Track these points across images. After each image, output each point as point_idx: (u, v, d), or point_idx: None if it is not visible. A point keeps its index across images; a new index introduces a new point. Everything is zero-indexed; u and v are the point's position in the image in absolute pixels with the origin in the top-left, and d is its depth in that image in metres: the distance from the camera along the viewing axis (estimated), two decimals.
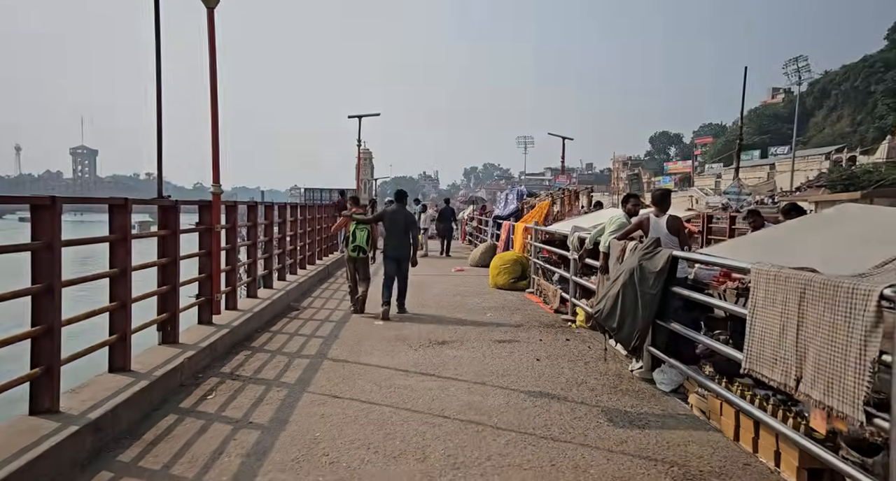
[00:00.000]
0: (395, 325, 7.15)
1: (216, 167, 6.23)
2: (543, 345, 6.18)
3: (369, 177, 65.27)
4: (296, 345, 6.15)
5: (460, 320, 7.51)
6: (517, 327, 7.09)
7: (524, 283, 10.36)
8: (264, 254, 8.89)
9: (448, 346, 6.09)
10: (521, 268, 10.40)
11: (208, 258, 6.15)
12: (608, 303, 4.77)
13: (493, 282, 10.57)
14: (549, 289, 8.74)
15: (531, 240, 10.36)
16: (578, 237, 7.29)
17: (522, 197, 15.17)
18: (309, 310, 8.35)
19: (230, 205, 7.06)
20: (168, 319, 5.18)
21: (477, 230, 20.35)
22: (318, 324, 7.31)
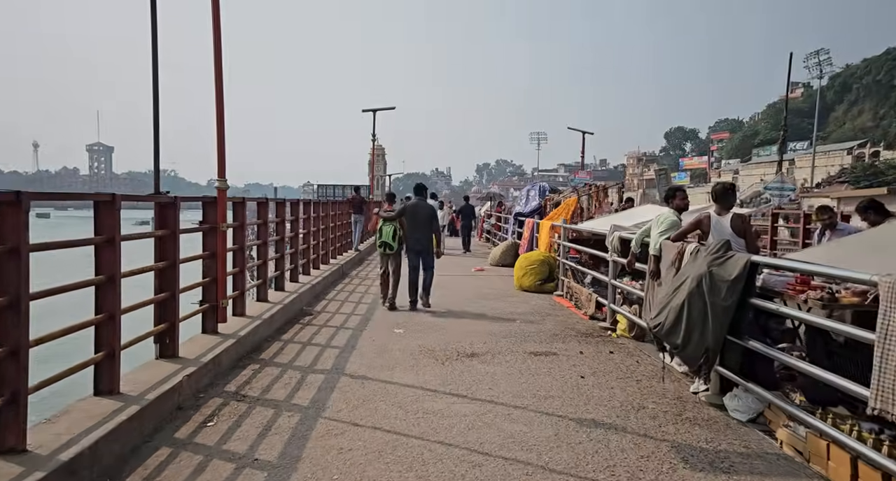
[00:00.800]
0: (417, 334, 6.53)
1: (222, 161, 5.64)
2: (585, 358, 5.52)
3: (382, 174, 64.78)
4: (309, 356, 5.55)
5: (488, 328, 6.88)
6: (552, 337, 6.44)
7: (552, 285, 9.69)
8: (276, 254, 8.31)
9: (478, 360, 5.46)
10: (548, 269, 9.74)
11: (213, 260, 5.56)
12: (670, 316, 4.11)
13: (519, 283, 9.92)
14: (581, 293, 8.07)
15: (559, 240, 9.69)
16: (620, 237, 6.61)
17: (545, 193, 14.49)
18: (323, 314, 7.76)
19: (238, 202, 6.48)
20: (166, 330, 4.60)
21: (495, 227, 19.68)
22: (334, 331, 6.71)
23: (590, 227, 8.22)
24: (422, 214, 8.12)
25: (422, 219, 8.09)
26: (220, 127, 5.61)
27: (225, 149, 5.62)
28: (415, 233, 8.10)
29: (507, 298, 9.12)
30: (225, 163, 5.63)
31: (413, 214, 8.11)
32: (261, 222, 7.41)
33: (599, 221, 8.69)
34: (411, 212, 8.13)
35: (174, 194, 4.64)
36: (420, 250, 8.10)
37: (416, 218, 8.08)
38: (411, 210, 8.16)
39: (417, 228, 8.08)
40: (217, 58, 5.55)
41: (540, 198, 14.33)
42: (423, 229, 8.08)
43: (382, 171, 66.03)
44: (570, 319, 7.49)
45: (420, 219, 8.08)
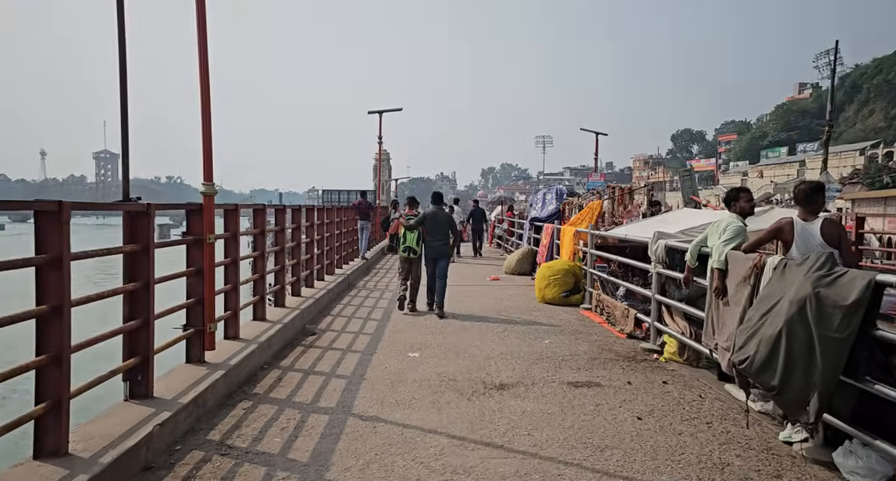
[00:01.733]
0: (435, 359, 5.70)
1: (208, 163, 4.85)
2: (636, 391, 4.68)
3: (387, 178, 64.12)
4: (311, 389, 4.74)
5: (515, 350, 6.05)
6: (590, 361, 5.60)
7: (578, 297, 8.85)
8: (275, 266, 7.52)
9: (510, 393, 4.63)
10: (573, 280, 8.90)
11: (198, 278, 4.77)
12: (762, 349, 3.27)
13: (541, 295, 9.08)
14: (615, 308, 7.23)
15: (586, 247, 8.86)
16: (666, 246, 5.78)
17: (563, 196, 13.66)
18: (328, 333, 6.95)
19: (230, 209, 5.68)
20: (138, 366, 3.80)
21: (508, 233, 18.84)
22: (340, 355, 5.90)
23: (623, 234, 7.37)
24: (440, 222, 8.39)
25: (440, 227, 8.37)
26: (206, 124, 4.83)
27: (212, 149, 4.83)
28: (433, 240, 8.36)
29: (531, 312, 8.29)
30: (212, 165, 4.84)
31: (432, 222, 8.36)
32: (257, 231, 6.63)
33: (632, 227, 7.86)
34: (431, 220, 8.38)
35: (147, 201, 3.85)
36: (437, 257, 8.36)
37: (435, 226, 8.36)
38: (431, 218, 8.40)
39: (436, 236, 8.35)
40: (202, 45, 4.77)
41: (557, 202, 13.50)
42: (441, 237, 8.37)
43: (388, 176, 65.41)
44: (605, 338, 6.65)
45: (438, 227, 8.36)
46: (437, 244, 8.32)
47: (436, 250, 8.33)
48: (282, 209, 7.65)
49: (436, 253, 8.33)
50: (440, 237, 8.34)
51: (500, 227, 20.19)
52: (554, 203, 13.61)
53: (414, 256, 8.45)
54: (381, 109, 20.18)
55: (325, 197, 56.58)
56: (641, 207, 10.07)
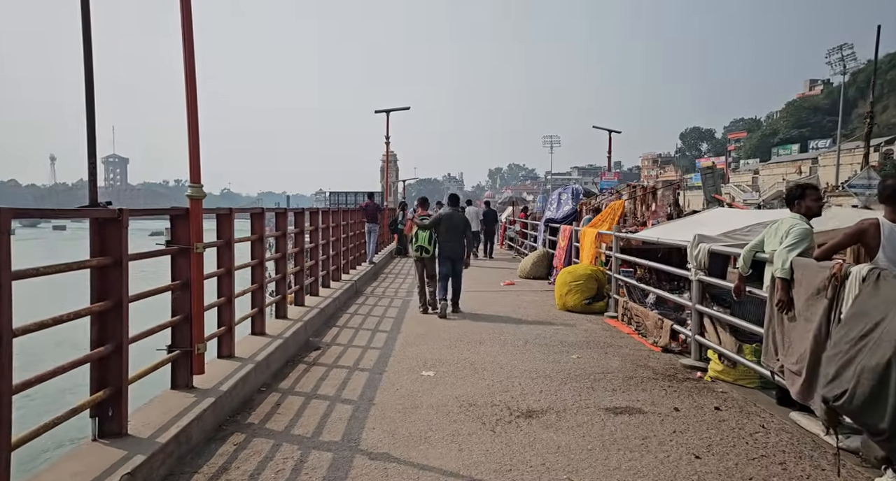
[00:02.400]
0: (452, 378, 5.12)
1: (195, 162, 4.27)
2: (686, 419, 4.07)
3: (394, 180, 63.64)
4: (313, 418, 4.17)
5: (539, 366, 5.46)
6: (626, 380, 4.99)
7: (601, 305, 8.24)
8: (276, 275, 6.97)
9: (540, 421, 4.04)
10: (596, 286, 8.29)
11: (185, 292, 4.21)
12: (865, 382, 2.67)
13: (562, 302, 8.47)
14: (646, 317, 6.61)
15: (610, 251, 8.24)
16: (710, 250, 5.16)
17: (579, 196, 13.04)
18: (334, 348, 6.38)
19: (223, 214, 5.12)
20: (108, 399, 3.25)
21: (521, 235, 18.23)
22: (346, 374, 5.32)
23: (656, 237, 6.74)
24: (456, 224, 8.47)
25: (456, 228, 8.45)
26: (193, 120, 4.26)
27: (199, 148, 4.26)
28: (449, 241, 8.42)
29: (552, 322, 7.68)
30: (199, 165, 4.27)
31: (448, 224, 8.43)
32: (255, 238, 6.07)
33: (663, 229, 7.24)
34: (446, 221, 8.45)
35: (117, 207, 3.29)
36: (453, 258, 8.44)
37: (451, 227, 8.42)
38: (447, 219, 8.46)
39: (451, 237, 8.42)
40: (187, 33, 4.21)
41: (573, 202, 12.88)
42: (457, 238, 8.46)
43: (395, 178, 64.93)
44: (637, 352, 6.04)
45: (454, 229, 8.44)
46: (452, 244, 8.42)
47: (452, 250, 8.42)
48: (283, 213, 7.09)
49: (452, 253, 8.42)
50: (456, 238, 8.44)
51: (512, 229, 19.58)
52: (570, 203, 12.99)
53: (426, 255, 8.54)
54: (388, 108, 19.64)
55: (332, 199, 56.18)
56: (668, 208, 9.44)
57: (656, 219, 9.01)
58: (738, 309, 5.31)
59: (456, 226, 8.42)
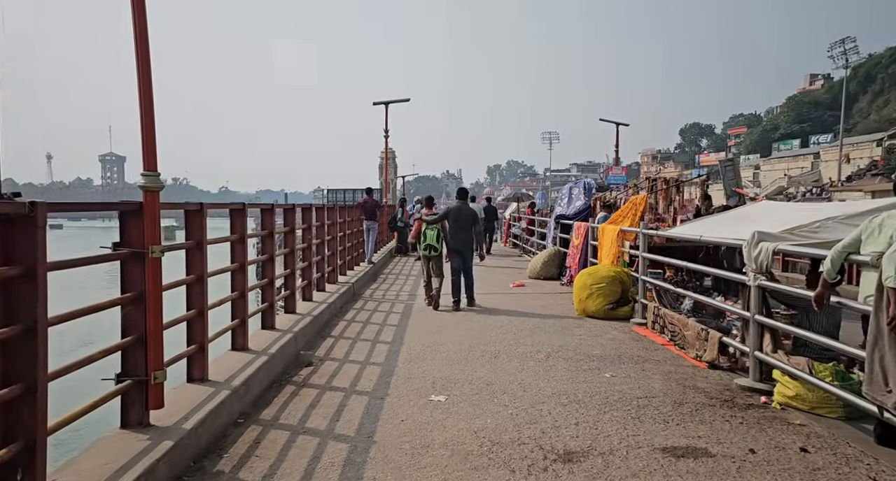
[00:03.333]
0: (467, 404, 4.28)
1: (150, 148, 3.42)
2: (768, 466, 3.23)
3: (393, 177, 62.72)
4: (300, 463, 3.33)
5: (569, 388, 4.63)
6: (676, 407, 4.16)
7: (626, 310, 7.42)
8: (262, 280, 6.13)
9: (583, 468, 3.21)
10: (620, 289, 7.46)
11: (138, 307, 3.38)
12: None
13: (582, 307, 7.64)
14: (684, 326, 5.78)
15: (635, 250, 7.42)
16: (775, 250, 4.31)
17: (591, 191, 12.21)
18: (328, 364, 5.55)
19: (193, 210, 4.28)
20: (17, 456, 2.41)
21: (526, 232, 17.40)
22: (342, 398, 4.49)
23: (698, 235, 5.88)
24: (465, 217, 8.37)
25: (465, 221, 8.36)
26: (146, 94, 3.41)
27: (154, 128, 3.41)
28: (458, 234, 8.33)
29: (573, 330, 6.86)
30: (155, 149, 3.42)
31: (457, 217, 8.35)
32: (236, 238, 5.23)
33: (701, 226, 6.39)
34: (455, 214, 8.35)
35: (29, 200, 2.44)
36: (463, 251, 8.35)
37: (460, 220, 8.34)
38: (455, 213, 8.36)
39: (460, 230, 8.34)
40: None
41: (586, 198, 12.04)
42: (466, 231, 8.37)
43: (394, 175, 64.00)
44: (679, 368, 5.21)
45: (463, 221, 8.35)
46: (461, 236, 8.33)
47: (461, 242, 8.34)
48: (269, 209, 6.24)
49: (461, 245, 8.34)
50: (466, 232, 8.35)
51: (517, 226, 18.75)
52: (582, 198, 12.15)
53: (435, 254, 8.47)
54: (386, 100, 18.78)
55: (329, 196, 55.22)
56: (696, 202, 8.63)
57: (685, 214, 8.19)
58: (805, 320, 4.50)
59: (464, 219, 8.34)
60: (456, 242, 8.31)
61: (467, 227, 8.33)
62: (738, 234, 5.35)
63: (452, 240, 8.31)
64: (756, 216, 6.09)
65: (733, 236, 5.40)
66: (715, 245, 8.39)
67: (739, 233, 5.33)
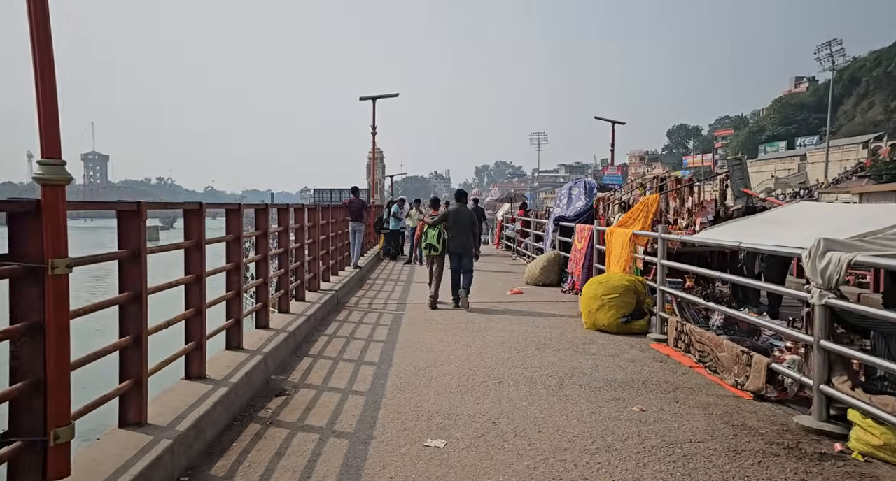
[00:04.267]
0: (474, 458, 3.43)
1: (51, 129, 2.54)
2: None
3: (381, 176, 61.74)
4: None
5: (595, 429, 3.80)
6: (734, 456, 3.35)
7: (642, 324, 6.62)
8: (228, 293, 5.24)
9: None
10: (635, 300, 6.67)
11: (34, 340, 2.50)
12: None
13: (591, 320, 6.84)
14: (718, 347, 4.98)
15: (653, 256, 6.64)
16: (851, 263, 3.52)
17: (593, 191, 11.43)
18: (302, 392, 4.69)
19: (127, 211, 3.40)
20: None
21: (521, 234, 16.60)
22: (316, 444, 3.63)
23: (735, 242, 5.05)
24: (463, 219, 8.53)
25: (463, 223, 8.51)
26: (45, 66, 2.54)
27: (56, 106, 2.53)
28: (456, 236, 8.49)
29: (585, 347, 6.05)
30: (58, 132, 2.54)
31: (455, 219, 8.50)
32: (191, 244, 4.34)
33: (731, 231, 5.60)
34: (453, 216, 8.52)
35: None
36: (461, 253, 8.52)
37: (458, 222, 8.50)
38: (453, 215, 8.54)
39: (459, 232, 8.49)
40: None
41: (587, 198, 11.27)
42: (464, 233, 8.52)
43: (381, 174, 63.00)
44: (718, 399, 4.41)
45: (461, 223, 8.51)
46: (460, 240, 8.48)
47: (459, 246, 8.48)
48: (236, 210, 5.34)
49: (460, 248, 8.49)
50: (463, 233, 8.48)
51: (511, 228, 17.94)
52: (583, 199, 11.37)
53: (435, 253, 8.63)
54: (374, 95, 17.87)
55: (316, 196, 54.03)
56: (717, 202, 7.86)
57: (705, 216, 7.42)
58: (882, 346, 3.72)
59: (462, 222, 8.47)
60: (454, 245, 8.46)
61: (465, 230, 8.48)
62: (782, 241, 4.58)
63: (451, 243, 8.46)
64: (793, 219, 5.33)
65: (775, 242, 4.63)
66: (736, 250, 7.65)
67: (784, 240, 4.56)
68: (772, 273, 7.42)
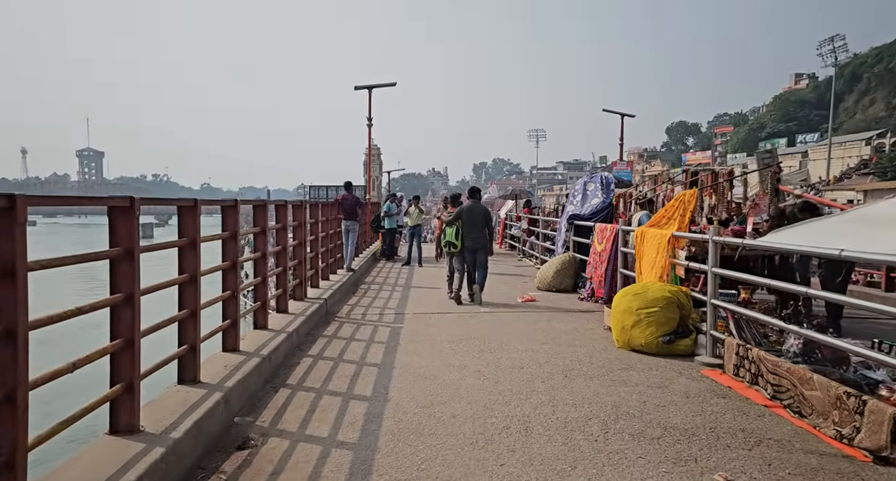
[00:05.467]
0: None
1: None
2: None
3: (378, 173, 60.54)
4: None
5: None
6: None
7: (687, 344, 5.55)
8: (182, 312, 4.14)
9: None
10: (678, 315, 5.59)
11: None
12: None
13: (625, 337, 5.76)
14: (809, 384, 3.89)
15: (695, 262, 5.56)
16: None
17: (611, 187, 10.35)
18: (273, 443, 3.60)
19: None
20: None
21: (526, 233, 15.51)
22: None
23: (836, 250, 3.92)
24: (476, 216, 8.63)
25: (476, 220, 8.61)
26: None
27: None
28: (471, 233, 8.59)
29: (622, 374, 4.97)
30: None
31: (469, 216, 8.60)
32: (117, 254, 3.24)
33: (810, 231, 4.51)
34: (468, 213, 8.61)
35: None
36: (476, 249, 8.62)
37: (472, 219, 8.60)
38: (467, 212, 8.63)
39: (473, 229, 8.59)
40: None
41: (605, 195, 10.18)
42: (479, 229, 8.62)
43: (378, 171, 61.77)
44: (824, 461, 3.31)
45: (475, 220, 8.61)
46: (475, 236, 8.60)
47: (474, 242, 8.62)
48: (191, 206, 4.21)
49: (475, 244, 8.62)
50: (476, 229, 8.61)
51: (516, 226, 16.84)
52: (600, 195, 10.29)
53: (455, 250, 8.74)
54: (370, 84, 16.73)
55: (311, 193, 52.72)
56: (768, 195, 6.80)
57: (758, 214, 6.36)
58: None
59: (475, 219, 8.59)
60: (470, 241, 8.55)
61: (479, 226, 8.57)
62: (892, 246, 3.50)
63: (467, 239, 8.56)
64: (891, 219, 4.24)
65: (883, 248, 3.56)
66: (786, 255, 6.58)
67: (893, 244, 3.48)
68: (831, 280, 6.37)
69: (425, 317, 7.61)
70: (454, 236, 8.62)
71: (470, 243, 8.58)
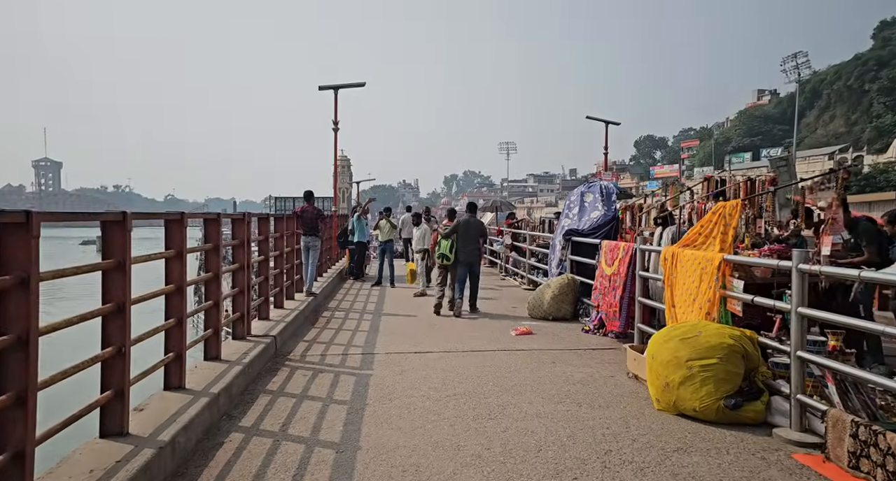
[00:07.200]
0: None
1: None
2: None
3: (347, 184, 58.78)
4: None
5: None
6: None
7: (758, 409, 4.11)
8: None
9: None
10: (743, 370, 4.16)
11: None
12: None
13: (669, 399, 4.29)
14: None
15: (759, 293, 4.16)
16: None
17: (612, 197, 8.99)
18: None
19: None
20: None
21: (509, 248, 14.06)
22: None
23: None
24: (472, 230, 8.92)
25: (471, 234, 8.91)
26: None
27: None
28: (465, 246, 8.82)
29: (680, 461, 3.49)
30: None
31: (465, 230, 8.84)
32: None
33: None
34: (463, 228, 8.85)
35: None
36: (470, 262, 8.88)
37: (467, 233, 8.85)
38: (463, 226, 8.87)
39: (467, 242, 8.84)
40: None
41: (606, 207, 8.81)
42: (473, 243, 8.92)
43: (348, 182, 60.00)
44: None
45: (470, 234, 8.89)
46: (469, 249, 8.80)
47: (466, 255, 8.78)
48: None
49: (469, 258, 8.82)
50: (472, 243, 8.85)
51: (498, 242, 15.39)
52: (600, 207, 8.90)
53: (448, 263, 8.81)
54: (335, 84, 15.13)
55: (277, 205, 50.59)
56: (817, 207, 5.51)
57: (836, 233, 5.03)
58: None
59: (470, 233, 8.84)
60: (465, 254, 8.76)
61: (474, 240, 8.88)
62: None
63: (461, 253, 8.74)
64: None
65: None
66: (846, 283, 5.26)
67: None
68: None
69: (400, 359, 6.07)
70: (448, 249, 8.77)
71: (464, 257, 8.79)
